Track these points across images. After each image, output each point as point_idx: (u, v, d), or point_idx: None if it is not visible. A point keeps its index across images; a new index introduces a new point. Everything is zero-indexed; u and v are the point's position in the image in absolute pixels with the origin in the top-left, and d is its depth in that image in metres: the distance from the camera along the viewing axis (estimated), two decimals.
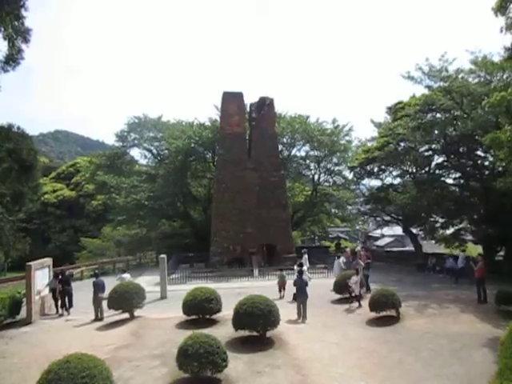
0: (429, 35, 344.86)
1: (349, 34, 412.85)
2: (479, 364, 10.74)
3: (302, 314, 15.06)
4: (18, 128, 14.95)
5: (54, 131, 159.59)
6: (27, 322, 15.64)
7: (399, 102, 31.39)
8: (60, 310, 17.09)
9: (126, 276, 17.89)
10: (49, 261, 18.04)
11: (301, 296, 15.28)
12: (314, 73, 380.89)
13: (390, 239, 52.33)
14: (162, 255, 21.25)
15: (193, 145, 33.95)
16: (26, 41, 13.74)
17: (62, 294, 16.99)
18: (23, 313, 16.17)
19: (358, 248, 25.35)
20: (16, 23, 13.38)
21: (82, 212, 53.38)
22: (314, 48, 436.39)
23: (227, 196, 28.51)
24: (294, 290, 16.14)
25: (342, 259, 25.33)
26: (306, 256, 22.40)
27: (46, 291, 17.34)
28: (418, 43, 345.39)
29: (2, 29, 13.49)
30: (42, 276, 16.81)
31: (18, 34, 13.53)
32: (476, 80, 21.45)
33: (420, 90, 28.63)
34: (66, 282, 17.32)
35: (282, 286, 19.24)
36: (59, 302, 17.13)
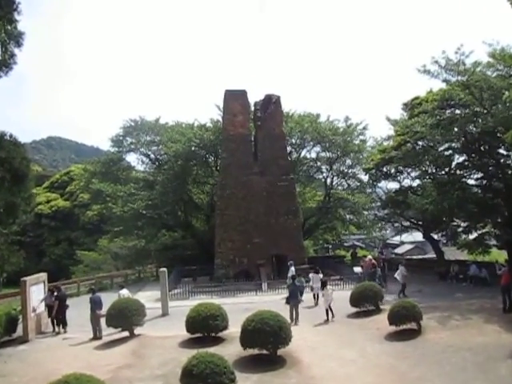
0: (444, 27, 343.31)
1: (360, 27, 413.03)
2: (505, 377, 10.85)
3: (294, 317, 16.98)
4: (11, 136, 15.33)
5: (46, 138, 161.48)
6: (24, 340, 16.09)
7: (416, 98, 31.47)
8: (57, 328, 17.44)
9: (125, 292, 18.15)
10: (44, 276, 18.44)
11: (293, 300, 17.35)
12: (323, 68, 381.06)
13: (410, 246, 52.13)
14: (163, 269, 21.48)
15: (193, 148, 34.22)
16: (18, 45, 14.17)
17: (58, 311, 17.31)
18: (19, 330, 16.58)
19: (370, 257, 25.54)
20: (9, 27, 13.79)
21: (77, 223, 53.88)
22: (323, 42, 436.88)
23: (232, 203, 28.72)
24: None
25: (360, 269, 25.55)
26: (292, 268, 22.76)
27: (42, 308, 17.70)
28: (433, 35, 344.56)
29: None
30: (37, 292, 17.22)
31: (11, 39, 13.93)
32: (495, 73, 21.49)
33: (437, 85, 28.67)
34: (63, 298, 17.67)
35: (300, 290, 20.23)
36: (55, 320, 17.48)
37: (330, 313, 17.51)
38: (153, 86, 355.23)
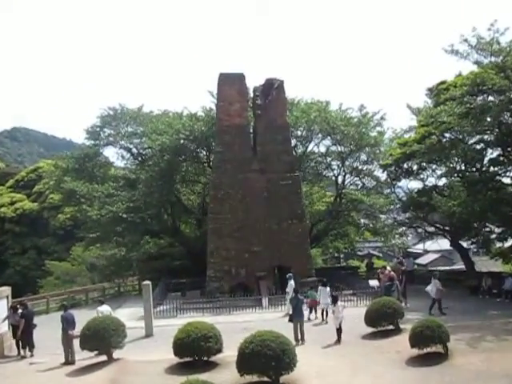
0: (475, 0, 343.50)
1: (376, 4, 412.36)
2: None
3: (299, 337, 17.20)
4: None
5: (11, 129, 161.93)
6: None
7: (442, 82, 31.57)
8: (22, 351, 17.42)
9: (105, 309, 18.14)
10: (7, 290, 18.44)
11: (297, 316, 17.54)
12: (333, 50, 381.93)
13: (435, 256, 52.25)
14: (147, 281, 21.48)
15: (182, 141, 34.17)
16: None
17: (24, 331, 17.26)
18: None
19: (389, 268, 25.54)
20: None
21: (47, 228, 53.81)
22: (333, 20, 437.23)
23: (227, 205, 28.72)
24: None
25: (376, 282, 25.51)
26: (291, 282, 22.71)
27: (5, 327, 17.68)
28: (462, 10, 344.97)
29: None
30: None
31: None
32: None
33: (467, 67, 28.80)
34: (29, 316, 17.63)
35: (312, 306, 21.12)
36: (21, 342, 17.44)
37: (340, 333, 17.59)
38: (136, 68, 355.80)
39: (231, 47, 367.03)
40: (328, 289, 21.11)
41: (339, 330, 17.47)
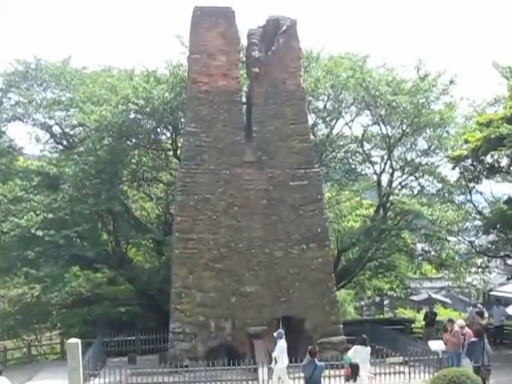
0: None
1: None
2: None
3: None
4: None
5: None
6: None
7: None
8: None
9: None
10: None
11: None
12: None
13: None
14: (74, 339, 21.41)
15: (133, 115, 34.42)
16: None
17: None
18: None
19: (461, 321, 25.30)
20: None
21: None
22: None
23: (204, 219, 28.62)
24: None
25: (441, 345, 25.39)
26: (281, 343, 23.07)
27: None
28: None
29: None
30: None
31: None
32: None
33: None
34: None
35: (350, 375, 20.82)
36: None
37: None
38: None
39: None
40: (369, 349, 21.15)
41: None
